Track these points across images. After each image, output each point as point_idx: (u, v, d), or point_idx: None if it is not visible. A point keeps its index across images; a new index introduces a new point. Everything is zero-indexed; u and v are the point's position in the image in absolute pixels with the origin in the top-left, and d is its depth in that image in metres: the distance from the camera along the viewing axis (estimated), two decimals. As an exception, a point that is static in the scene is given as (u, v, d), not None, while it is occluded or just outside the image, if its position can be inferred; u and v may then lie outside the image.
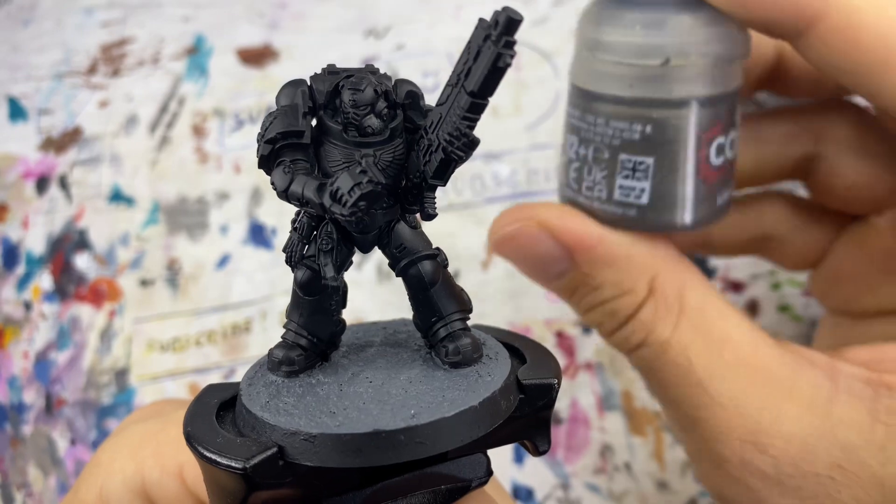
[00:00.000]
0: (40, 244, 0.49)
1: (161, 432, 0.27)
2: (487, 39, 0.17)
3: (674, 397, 0.27)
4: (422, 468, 0.20)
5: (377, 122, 0.19)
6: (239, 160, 0.50)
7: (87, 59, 0.53)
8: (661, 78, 0.26)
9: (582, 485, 0.41)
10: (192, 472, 0.26)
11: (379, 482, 0.19)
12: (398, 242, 0.20)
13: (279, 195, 0.19)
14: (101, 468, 0.27)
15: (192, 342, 0.46)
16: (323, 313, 0.21)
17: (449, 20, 0.52)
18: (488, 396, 0.19)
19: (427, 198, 0.20)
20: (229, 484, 0.18)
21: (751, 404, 0.25)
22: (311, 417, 0.18)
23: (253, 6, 0.54)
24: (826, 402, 0.25)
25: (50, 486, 0.44)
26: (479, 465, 0.21)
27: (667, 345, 0.26)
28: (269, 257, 0.47)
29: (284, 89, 0.20)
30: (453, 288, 0.21)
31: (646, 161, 0.26)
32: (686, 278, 0.27)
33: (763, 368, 0.26)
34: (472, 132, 0.18)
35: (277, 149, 0.19)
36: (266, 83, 0.51)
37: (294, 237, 0.21)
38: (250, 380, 0.20)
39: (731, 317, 0.27)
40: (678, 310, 0.26)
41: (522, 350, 0.22)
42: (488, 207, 0.46)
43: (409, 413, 0.18)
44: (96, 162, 0.51)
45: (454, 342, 0.20)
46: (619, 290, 0.27)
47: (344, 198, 0.18)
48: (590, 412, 0.42)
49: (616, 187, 0.27)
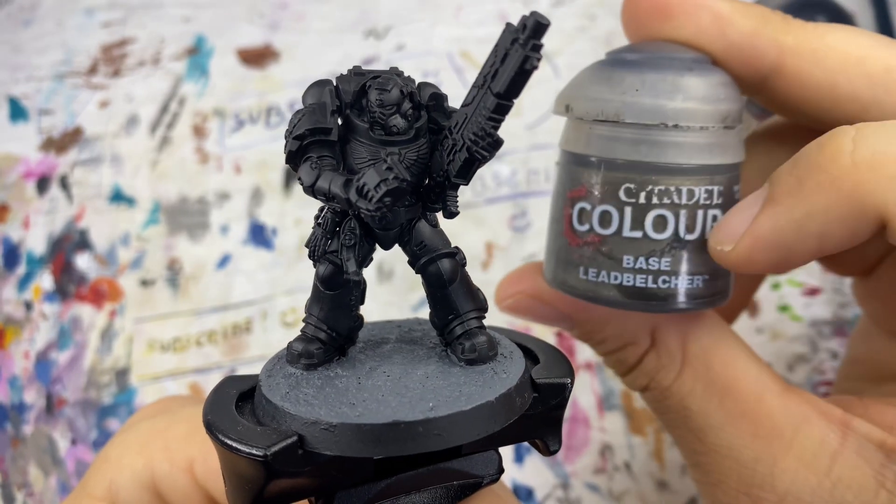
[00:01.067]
0: (41, 244, 0.49)
1: (170, 428, 0.28)
2: (515, 42, 0.17)
3: (676, 437, 0.27)
4: (436, 463, 0.20)
5: (402, 122, 0.20)
6: (239, 160, 0.50)
7: (87, 60, 0.53)
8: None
9: (582, 484, 0.41)
10: (202, 467, 0.26)
11: (393, 475, 0.20)
12: (419, 240, 0.21)
13: (305, 190, 0.20)
14: (109, 463, 0.27)
15: (192, 342, 0.46)
16: (342, 308, 0.21)
17: (449, 20, 0.52)
18: (504, 392, 0.19)
19: (449, 196, 0.20)
20: (249, 472, 0.18)
21: (747, 455, 0.25)
22: (330, 408, 0.18)
23: (253, 7, 0.54)
24: (829, 458, 0.24)
25: (51, 486, 0.45)
26: (490, 462, 0.21)
27: (668, 391, 0.26)
28: (269, 257, 0.47)
29: (311, 89, 0.20)
30: (470, 287, 0.21)
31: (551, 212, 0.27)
32: (688, 327, 0.27)
33: (765, 419, 0.25)
34: (496, 132, 0.19)
35: (305, 145, 0.20)
36: (266, 83, 0.52)
37: (318, 232, 0.21)
38: (269, 372, 0.21)
39: (736, 364, 0.26)
40: (681, 359, 0.26)
41: (536, 351, 0.22)
42: (488, 207, 0.46)
43: (428, 406, 0.18)
44: (97, 162, 0.51)
45: (470, 339, 0.21)
46: (622, 343, 0.27)
47: (370, 193, 0.18)
48: (590, 412, 0.43)
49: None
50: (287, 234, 0.48)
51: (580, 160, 0.25)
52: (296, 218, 0.48)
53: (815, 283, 0.43)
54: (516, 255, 0.45)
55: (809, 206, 0.22)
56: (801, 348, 0.42)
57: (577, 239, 0.25)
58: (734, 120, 0.24)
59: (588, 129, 0.25)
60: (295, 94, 0.51)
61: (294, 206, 0.48)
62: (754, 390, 0.26)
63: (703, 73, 0.24)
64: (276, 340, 0.46)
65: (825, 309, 0.43)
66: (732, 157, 0.25)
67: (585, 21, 0.47)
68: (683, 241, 0.24)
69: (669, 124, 0.23)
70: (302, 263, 0.46)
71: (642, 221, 0.24)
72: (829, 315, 0.43)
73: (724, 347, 0.27)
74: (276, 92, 0.51)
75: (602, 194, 0.24)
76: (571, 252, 0.25)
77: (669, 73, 0.24)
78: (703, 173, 0.24)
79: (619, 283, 0.24)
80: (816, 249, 0.22)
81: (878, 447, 0.24)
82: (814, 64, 0.24)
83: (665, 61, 0.24)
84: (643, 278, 0.24)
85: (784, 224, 0.22)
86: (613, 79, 0.24)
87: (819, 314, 0.43)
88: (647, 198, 0.24)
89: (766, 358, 0.42)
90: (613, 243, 0.24)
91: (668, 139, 0.24)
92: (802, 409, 0.25)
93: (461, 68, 0.50)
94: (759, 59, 0.24)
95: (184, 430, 0.27)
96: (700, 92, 0.24)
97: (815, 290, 0.43)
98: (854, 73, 0.24)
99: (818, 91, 0.24)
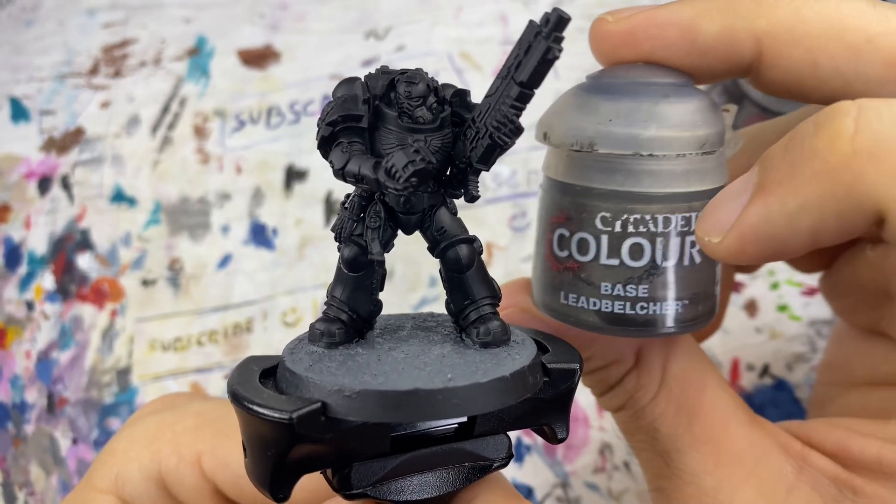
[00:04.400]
0: (42, 244, 0.49)
1: (177, 422, 0.28)
2: (538, 35, 0.19)
3: (643, 461, 0.27)
4: (449, 442, 0.21)
5: (428, 114, 0.21)
6: (240, 161, 0.50)
7: (88, 60, 0.54)
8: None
9: (581, 484, 0.42)
10: (210, 461, 0.27)
11: (409, 452, 0.21)
12: (439, 226, 0.22)
13: (335, 173, 0.21)
14: (116, 456, 0.28)
15: (193, 342, 0.47)
16: (363, 291, 0.22)
17: (449, 21, 0.52)
18: (518, 370, 0.20)
19: (471, 181, 0.22)
20: (273, 436, 0.19)
21: (709, 483, 0.25)
22: (353, 377, 0.19)
23: (254, 7, 0.54)
24: (785, 491, 0.24)
25: (52, 486, 0.45)
26: (501, 445, 0.22)
27: (642, 412, 0.26)
28: (270, 257, 0.48)
29: (342, 84, 0.22)
30: (486, 275, 0.22)
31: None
32: (670, 349, 0.26)
33: (729, 446, 0.25)
34: (518, 120, 0.20)
35: (336, 131, 0.21)
36: (267, 84, 0.52)
37: (344, 216, 0.22)
38: (292, 350, 0.22)
39: (708, 389, 0.26)
40: (659, 380, 0.26)
41: (545, 342, 0.23)
42: (488, 208, 0.47)
43: (447, 377, 0.19)
44: (98, 162, 0.51)
45: (485, 324, 0.22)
46: (608, 361, 0.27)
47: (398, 173, 0.19)
48: (589, 411, 0.43)
49: None
50: (288, 235, 0.48)
51: (559, 187, 0.25)
52: (296, 218, 0.48)
53: (813, 283, 0.43)
54: (516, 256, 0.45)
55: (803, 197, 0.20)
56: (799, 348, 0.42)
57: (558, 264, 0.25)
58: (713, 144, 0.24)
59: (566, 156, 0.25)
60: (295, 94, 0.51)
61: (294, 206, 0.48)
62: (721, 417, 0.26)
63: (681, 98, 0.24)
64: (276, 340, 0.46)
65: (824, 308, 0.43)
66: (712, 181, 0.24)
67: (585, 22, 0.47)
68: (661, 269, 0.24)
69: (644, 153, 0.23)
70: (302, 263, 0.47)
71: (619, 249, 0.24)
72: (828, 315, 0.43)
73: (700, 371, 0.26)
74: (276, 92, 0.51)
75: (579, 222, 0.24)
76: (553, 276, 0.25)
77: (645, 100, 0.23)
78: (680, 200, 0.24)
79: (598, 308, 0.24)
80: (810, 242, 0.21)
81: (832, 481, 0.24)
82: (792, 45, 0.23)
83: (642, 87, 0.24)
84: (621, 304, 0.24)
85: (776, 216, 0.21)
86: (589, 107, 0.24)
87: (818, 314, 0.43)
88: (623, 226, 0.24)
89: (764, 358, 0.42)
90: (591, 270, 0.24)
91: (642, 168, 0.23)
92: (764, 441, 0.25)
93: (461, 69, 0.50)
94: (738, 55, 0.23)
95: (192, 423, 0.28)
96: (675, 119, 0.23)
97: (813, 289, 0.43)
98: (834, 48, 0.22)
99: (800, 71, 0.23)
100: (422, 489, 0.21)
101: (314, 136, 0.21)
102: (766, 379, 0.42)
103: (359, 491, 0.20)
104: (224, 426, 0.28)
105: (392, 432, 0.21)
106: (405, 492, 0.21)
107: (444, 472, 0.21)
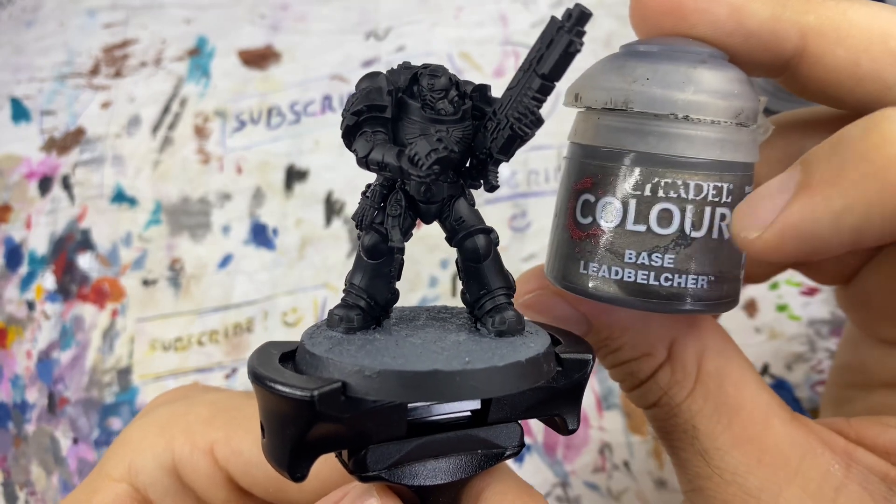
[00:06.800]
0: (43, 244, 0.49)
1: (190, 412, 0.28)
2: (560, 29, 0.20)
3: (680, 460, 0.27)
4: (464, 429, 0.22)
5: (450, 106, 0.22)
6: (241, 161, 0.50)
7: (89, 61, 0.54)
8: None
9: (581, 483, 0.42)
10: (223, 450, 0.27)
11: (424, 436, 0.21)
12: (457, 216, 0.22)
13: (359, 161, 0.21)
14: (129, 446, 0.28)
15: (194, 342, 0.47)
16: (382, 278, 0.22)
17: (449, 22, 0.52)
18: (533, 356, 0.20)
19: (491, 172, 0.22)
20: (293, 414, 0.19)
21: (752, 482, 0.25)
22: (373, 358, 0.20)
23: (254, 8, 0.54)
24: (834, 490, 0.24)
25: (52, 485, 0.45)
26: (514, 434, 0.22)
27: (678, 409, 0.26)
28: (270, 257, 0.48)
29: (365, 77, 0.22)
30: (501, 266, 0.23)
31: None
32: (707, 343, 0.26)
33: (772, 446, 0.25)
34: (538, 112, 0.21)
35: (360, 121, 0.21)
36: (267, 84, 0.52)
37: (365, 204, 0.22)
38: (311, 335, 0.22)
39: (748, 386, 0.26)
40: (695, 376, 0.26)
41: (557, 335, 0.23)
42: (488, 208, 0.47)
43: (465, 360, 0.19)
44: (99, 162, 0.51)
45: (500, 313, 0.22)
46: (638, 353, 0.26)
47: (421, 161, 0.20)
48: (589, 411, 0.43)
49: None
50: (288, 235, 0.48)
51: (587, 151, 0.24)
52: (297, 218, 0.48)
53: (813, 283, 0.43)
54: (516, 256, 0.45)
55: (850, 198, 0.20)
56: (799, 348, 0.42)
57: (580, 231, 0.24)
58: (748, 118, 0.23)
59: (596, 119, 0.24)
60: (296, 95, 0.51)
61: (295, 206, 0.48)
62: (763, 415, 0.25)
63: (718, 67, 0.23)
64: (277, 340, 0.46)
65: (823, 308, 0.43)
66: (745, 156, 0.24)
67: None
68: (689, 239, 0.23)
69: (679, 115, 0.23)
70: (302, 263, 0.47)
71: (647, 215, 0.23)
72: (827, 314, 0.43)
73: (737, 369, 0.26)
74: (276, 93, 0.51)
75: (606, 185, 0.24)
76: (573, 245, 0.25)
77: (683, 64, 0.23)
78: (713, 169, 0.23)
79: (620, 278, 0.24)
80: (852, 242, 0.21)
81: (882, 479, 0.24)
82: (836, 43, 0.23)
83: (679, 53, 0.23)
84: (644, 274, 0.23)
85: (821, 215, 0.21)
86: (625, 68, 0.24)
87: (817, 314, 0.43)
88: (653, 190, 0.23)
89: (764, 357, 0.42)
90: (616, 236, 0.24)
91: (677, 131, 0.23)
92: (808, 439, 0.25)
93: (461, 69, 0.51)
94: (781, 45, 0.24)
95: (205, 413, 0.28)
96: (713, 85, 0.23)
97: (813, 289, 0.43)
98: (878, 51, 0.23)
99: (840, 71, 0.23)
100: (435, 474, 0.21)
101: (314, 136, 0.22)
102: (766, 379, 0.42)
103: (374, 473, 0.21)
104: (237, 416, 0.28)
105: (408, 416, 0.21)
106: (419, 476, 0.21)
107: (457, 459, 0.22)
